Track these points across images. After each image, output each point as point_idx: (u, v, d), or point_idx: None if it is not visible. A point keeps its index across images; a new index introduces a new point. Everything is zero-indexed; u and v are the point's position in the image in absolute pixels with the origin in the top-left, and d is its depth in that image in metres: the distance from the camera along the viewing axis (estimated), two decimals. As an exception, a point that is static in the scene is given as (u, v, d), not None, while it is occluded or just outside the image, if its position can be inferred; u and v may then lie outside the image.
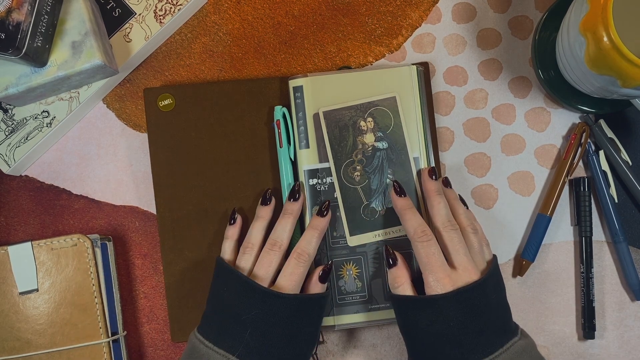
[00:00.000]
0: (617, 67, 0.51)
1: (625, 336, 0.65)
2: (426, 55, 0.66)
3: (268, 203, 0.61)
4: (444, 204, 0.57)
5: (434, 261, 0.54)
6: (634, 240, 0.65)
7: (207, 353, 0.53)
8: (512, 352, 0.52)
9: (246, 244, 0.59)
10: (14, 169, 0.64)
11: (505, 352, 0.51)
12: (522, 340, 0.53)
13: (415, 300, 0.54)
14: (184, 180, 0.63)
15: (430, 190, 0.58)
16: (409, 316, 0.54)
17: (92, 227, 0.66)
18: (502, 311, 0.54)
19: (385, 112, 0.61)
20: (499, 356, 0.51)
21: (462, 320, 0.52)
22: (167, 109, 0.64)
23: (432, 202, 0.57)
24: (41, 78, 0.59)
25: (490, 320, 0.52)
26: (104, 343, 0.61)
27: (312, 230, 0.58)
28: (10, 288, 0.61)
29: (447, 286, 0.53)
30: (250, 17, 0.66)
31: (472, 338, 0.51)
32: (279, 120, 0.62)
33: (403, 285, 0.55)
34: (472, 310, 0.52)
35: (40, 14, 0.56)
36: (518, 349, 0.52)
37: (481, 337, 0.52)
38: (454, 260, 0.54)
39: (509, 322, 0.54)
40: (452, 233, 0.55)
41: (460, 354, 0.51)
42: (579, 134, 0.64)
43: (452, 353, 0.52)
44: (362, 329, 0.65)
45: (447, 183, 0.60)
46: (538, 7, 0.66)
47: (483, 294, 0.53)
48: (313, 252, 0.58)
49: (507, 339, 0.52)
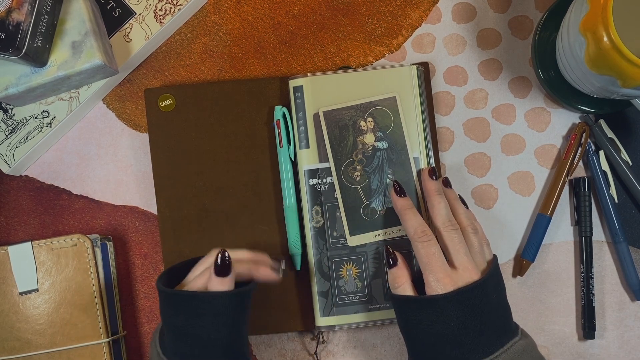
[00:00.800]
0: (617, 67, 0.51)
1: (625, 336, 0.65)
2: (426, 55, 0.66)
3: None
4: (444, 204, 0.57)
5: (434, 261, 0.54)
6: (634, 240, 0.65)
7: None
8: (513, 352, 0.52)
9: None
10: (14, 169, 0.64)
11: (506, 352, 0.51)
12: (523, 340, 0.53)
13: (416, 301, 0.54)
14: (185, 180, 0.63)
15: (430, 190, 0.58)
16: (409, 316, 0.54)
17: (92, 227, 0.66)
18: (503, 311, 0.54)
19: (386, 112, 0.61)
20: (499, 356, 0.51)
21: (462, 320, 0.52)
22: (168, 109, 0.64)
23: (432, 202, 0.57)
24: (41, 78, 0.59)
25: (490, 320, 0.52)
26: (104, 343, 0.61)
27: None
28: (10, 288, 0.61)
29: (447, 286, 0.53)
30: (250, 17, 0.66)
31: (473, 338, 0.51)
32: (279, 120, 0.62)
33: (403, 286, 0.55)
34: (472, 310, 0.52)
35: (40, 14, 0.56)
36: (518, 348, 0.52)
37: (482, 337, 0.52)
38: (455, 260, 0.54)
39: (509, 322, 0.54)
40: (453, 233, 0.55)
41: (460, 354, 0.51)
42: (579, 134, 0.64)
43: (453, 353, 0.52)
44: (362, 329, 0.65)
45: (447, 183, 0.60)
46: (538, 7, 0.66)
47: (484, 294, 0.53)
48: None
49: (507, 339, 0.52)
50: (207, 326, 0.52)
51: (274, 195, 0.63)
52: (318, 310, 0.61)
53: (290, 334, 0.65)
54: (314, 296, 0.61)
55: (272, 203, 0.63)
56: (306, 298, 0.63)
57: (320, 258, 0.61)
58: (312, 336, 0.65)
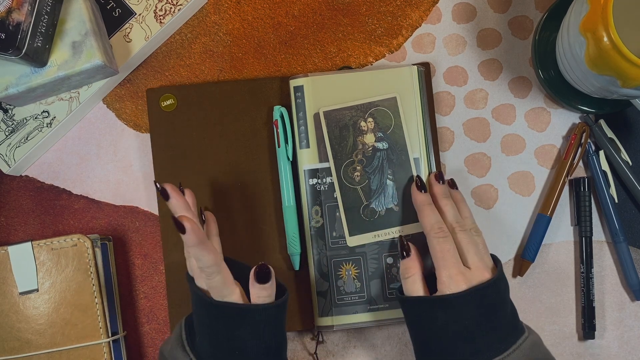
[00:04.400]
0: (617, 67, 0.51)
1: (625, 336, 0.65)
2: (426, 55, 0.66)
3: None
4: (451, 206, 0.58)
5: (449, 257, 0.54)
6: (634, 240, 0.65)
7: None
8: (524, 349, 0.52)
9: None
10: (14, 169, 0.64)
11: (519, 349, 0.52)
12: (531, 336, 0.53)
13: (430, 300, 0.54)
14: (186, 180, 0.63)
15: (437, 194, 0.59)
16: (422, 316, 0.54)
17: (92, 227, 0.66)
18: (511, 309, 0.55)
19: (386, 113, 0.61)
20: (512, 353, 0.51)
21: (477, 319, 0.52)
22: (169, 109, 0.64)
23: (440, 205, 0.58)
24: (41, 78, 0.59)
25: (502, 318, 0.53)
26: (104, 343, 0.61)
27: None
28: (10, 288, 0.61)
29: (460, 284, 0.53)
30: (250, 17, 0.66)
31: (486, 335, 0.52)
32: (277, 120, 0.62)
33: (414, 277, 0.55)
34: (487, 308, 0.52)
35: (40, 14, 0.56)
36: (529, 344, 0.52)
37: (494, 335, 0.52)
38: (467, 260, 0.55)
39: (517, 319, 0.55)
40: (462, 234, 0.56)
41: (474, 350, 0.52)
42: (579, 134, 0.64)
43: (466, 349, 0.52)
44: (362, 329, 0.65)
45: (452, 185, 0.61)
46: (538, 7, 0.66)
47: (496, 292, 0.53)
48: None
49: (517, 336, 0.53)
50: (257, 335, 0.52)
51: (274, 195, 0.63)
52: (317, 310, 0.61)
53: (290, 334, 0.65)
54: (313, 296, 0.61)
55: (272, 203, 0.64)
56: (305, 298, 0.63)
57: (319, 258, 0.61)
58: (312, 336, 0.65)
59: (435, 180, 0.60)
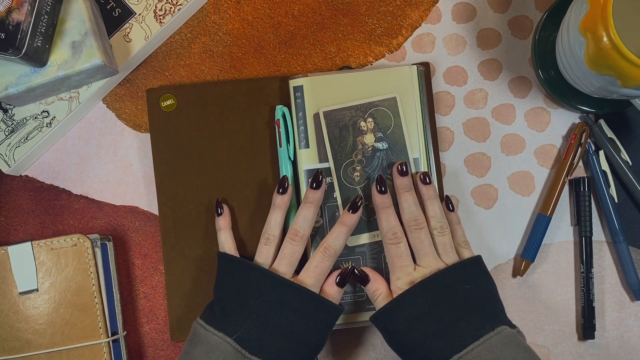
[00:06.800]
0: (617, 67, 0.51)
1: (625, 336, 0.65)
2: (426, 55, 0.66)
3: (285, 191, 0.59)
4: (410, 201, 0.57)
5: (399, 262, 0.56)
6: (634, 240, 0.65)
7: (205, 335, 0.53)
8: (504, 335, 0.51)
9: (266, 235, 0.58)
10: (14, 169, 0.64)
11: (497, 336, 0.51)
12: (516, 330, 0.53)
13: (386, 310, 0.54)
14: (186, 180, 0.63)
15: (397, 187, 0.58)
16: (387, 327, 0.55)
17: (92, 227, 0.66)
18: (485, 301, 0.54)
19: (386, 113, 0.61)
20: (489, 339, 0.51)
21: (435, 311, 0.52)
22: (169, 109, 0.64)
23: (399, 198, 0.58)
24: (41, 78, 0.59)
25: (469, 307, 0.53)
26: (104, 343, 0.61)
27: (341, 226, 0.57)
28: (10, 288, 0.61)
29: (404, 285, 0.54)
30: (250, 17, 0.66)
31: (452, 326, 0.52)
32: (279, 120, 0.62)
33: (382, 293, 0.56)
34: (442, 298, 0.53)
35: (40, 14, 0.56)
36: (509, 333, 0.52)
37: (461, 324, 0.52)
38: (419, 260, 0.56)
39: (497, 313, 0.54)
40: (416, 232, 0.56)
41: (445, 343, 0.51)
42: (579, 134, 0.64)
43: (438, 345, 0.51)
44: (362, 329, 0.65)
45: (424, 180, 0.59)
46: (538, 7, 0.66)
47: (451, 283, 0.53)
48: (340, 249, 0.57)
49: (495, 325, 0.52)
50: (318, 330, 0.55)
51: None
52: (318, 310, 0.61)
53: (290, 334, 0.65)
54: (314, 296, 0.61)
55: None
56: (306, 298, 0.63)
57: (320, 258, 0.61)
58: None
59: (397, 173, 0.59)
